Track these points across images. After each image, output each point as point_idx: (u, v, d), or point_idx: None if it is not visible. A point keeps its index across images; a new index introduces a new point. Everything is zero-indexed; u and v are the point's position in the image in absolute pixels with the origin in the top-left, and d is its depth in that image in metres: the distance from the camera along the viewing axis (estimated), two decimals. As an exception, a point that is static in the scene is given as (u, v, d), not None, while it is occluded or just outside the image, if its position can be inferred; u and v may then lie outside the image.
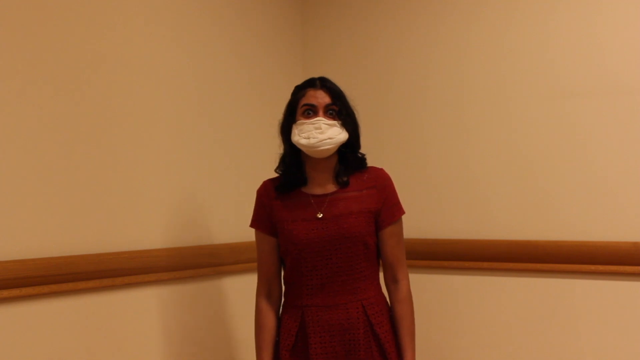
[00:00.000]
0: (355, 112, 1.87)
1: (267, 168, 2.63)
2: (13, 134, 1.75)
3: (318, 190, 1.86)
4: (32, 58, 1.80)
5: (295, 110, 1.85)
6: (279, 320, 1.90)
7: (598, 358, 2.22)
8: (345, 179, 1.85)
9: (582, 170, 2.27)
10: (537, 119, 2.37)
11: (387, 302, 1.89)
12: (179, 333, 2.19)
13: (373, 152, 2.00)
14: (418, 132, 2.63)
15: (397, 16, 2.70)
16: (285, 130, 1.87)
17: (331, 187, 1.86)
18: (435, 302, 2.52)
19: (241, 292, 2.45)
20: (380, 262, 1.90)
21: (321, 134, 1.76)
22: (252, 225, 1.93)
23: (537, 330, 2.33)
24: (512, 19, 2.44)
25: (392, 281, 1.87)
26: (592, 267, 2.22)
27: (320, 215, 1.81)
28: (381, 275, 1.91)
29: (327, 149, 1.78)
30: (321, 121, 1.78)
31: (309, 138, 1.77)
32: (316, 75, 1.92)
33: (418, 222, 2.56)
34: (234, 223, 2.45)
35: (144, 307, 2.07)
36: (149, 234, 2.11)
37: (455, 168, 2.53)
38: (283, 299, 1.92)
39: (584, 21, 2.30)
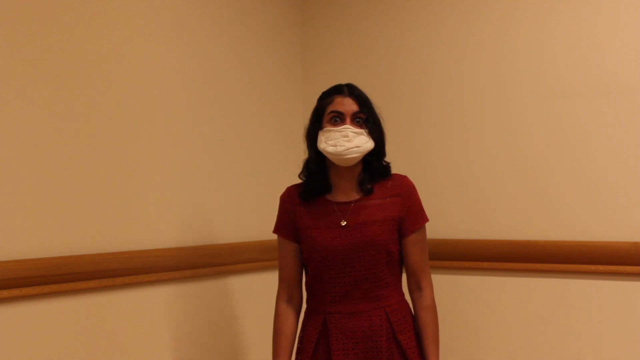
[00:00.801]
0: (381, 119, 1.87)
1: (267, 168, 2.64)
2: (13, 134, 1.75)
3: (342, 198, 1.85)
4: (32, 58, 1.80)
5: (322, 116, 1.83)
6: (300, 326, 1.90)
7: (598, 358, 2.22)
8: (369, 186, 1.84)
9: (582, 170, 2.27)
10: (537, 119, 2.36)
11: (410, 308, 1.89)
12: (179, 333, 2.19)
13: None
14: (418, 132, 2.63)
15: (397, 16, 2.70)
16: (311, 136, 1.86)
17: (355, 195, 1.85)
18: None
19: (241, 292, 2.45)
20: (404, 269, 1.90)
21: (348, 142, 1.76)
22: (275, 232, 1.93)
23: (537, 330, 2.33)
24: (512, 19, 2.44)
25: (416, 288, 1.87)
26: (592, 267, 2.22)
27: (344, 223, 1.81)
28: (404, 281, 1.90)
29: (354, 158, 1.78)
30: (348, 129, 1.77)
31: (335, 146, 1.76)
32: (316, 75, 1.92)
33: (418, 222, 2.56)
34: (234, 223, 2.45)
35: (144, 307, 2.07)
36: (148, 234, 2.11)
37: (455, 168, 2.53)
38: (305, 306, 1.92)
39: (584, 21, 2.30)
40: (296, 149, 2.82)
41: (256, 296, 2.51)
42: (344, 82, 1.92)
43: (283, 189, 1.97)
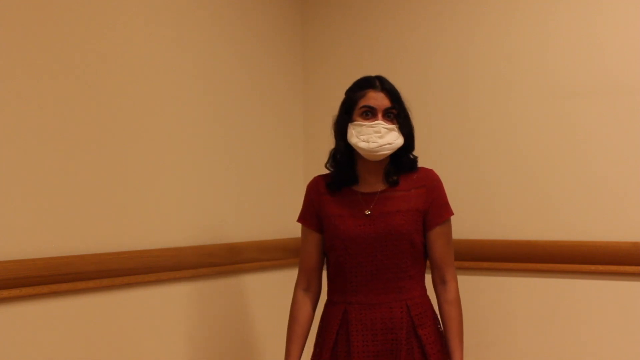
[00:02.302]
0: (410, 113, 1.88)
1: (267, 167, 2.64)
2: (13, 134, 1.75)
3: (367, 189, 1.86)
4: (32, 58, 1.80)
5: (353, 109, 1.84)
6: (321, 317, 1.91)
7: (598, 358, 2.22)
8: (395, 178, 1.85)
9: (582, 170, 2.27)
10: (537, 119, 2.36)
11: (431, 304, 1.89)
12: (178, 333, 2.19)
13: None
14: (417, 132, 2.61)
15: (397, 16, 2.70)
16: (340, 128, 1.86)
17: (380, 186, 1.86)
18: (435, 302, 2.51)
19: (241, 292, 2.45)
20: (428, 262, 1.90)
21: (380, 139, 1.77)
22: (299, 220, 1.95)
23: (537, 330, 2.33)
24: (513, 19, 2.44)
25: (440, 282, 1.87)
26: (592, 267, 2.22)
27: (368, 212, 1.82)
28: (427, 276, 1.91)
29: (385, 154, 1.80)
30: (380, 125, 1.78)
31: (368, 142, 1.77)
32: (316, 75, 1.92)
33: (418, 222, 2.56)
34: (233, 223, 2.45)
35: (144, 307, 2.07)
36: (148, 234, 2.11)
37: (455, 168, 2.52)
38: (327, 297, 1.92)
39: (584, 21, 2.30)
40: (296, 149, 2.83)
41: (256, 296, 2.51)
42: (343, 82, 1.92)
43: (283, 189, 1.97)
